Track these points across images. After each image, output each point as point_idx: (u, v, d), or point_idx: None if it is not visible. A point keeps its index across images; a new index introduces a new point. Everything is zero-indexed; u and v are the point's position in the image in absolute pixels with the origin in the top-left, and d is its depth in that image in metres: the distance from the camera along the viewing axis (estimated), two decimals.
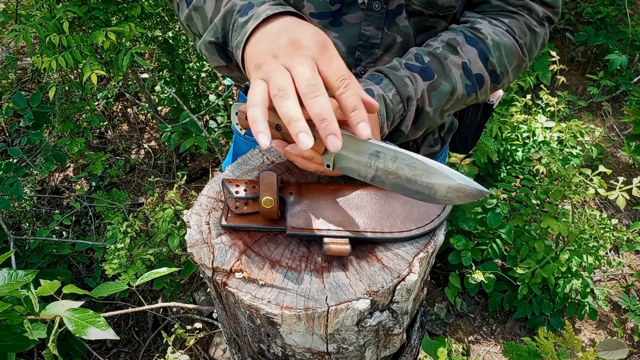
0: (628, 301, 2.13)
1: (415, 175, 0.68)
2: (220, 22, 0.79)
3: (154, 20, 2.53)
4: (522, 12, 0.94)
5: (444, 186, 0.67)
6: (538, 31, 0.95)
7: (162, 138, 2.49)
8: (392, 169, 0.69)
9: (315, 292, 0.68)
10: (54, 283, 1.05)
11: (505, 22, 0.93)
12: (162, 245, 1.85)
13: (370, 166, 0.70)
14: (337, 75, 0.65)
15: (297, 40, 0.67)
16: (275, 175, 0.71)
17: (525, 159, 2.28)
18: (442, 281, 2.41)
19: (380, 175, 0.70)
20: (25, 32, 1.78)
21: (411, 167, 0.67)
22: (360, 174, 0.72)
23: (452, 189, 0.67)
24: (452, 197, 0.67)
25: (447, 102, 0.89)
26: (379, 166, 0.69)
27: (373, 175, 0.71)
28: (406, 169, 0.68)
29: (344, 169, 0.73)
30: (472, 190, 0.66)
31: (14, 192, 1.79)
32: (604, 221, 1.95)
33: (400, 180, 0.69)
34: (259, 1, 0.76)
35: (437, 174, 0.66)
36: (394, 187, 0.70)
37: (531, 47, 0.95)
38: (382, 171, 0.70)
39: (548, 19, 0.96)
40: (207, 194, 0.82)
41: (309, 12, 0.91)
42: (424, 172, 0.67)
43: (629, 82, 3.17)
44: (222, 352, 2.08)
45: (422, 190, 0.68)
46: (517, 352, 1.54)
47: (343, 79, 0.65)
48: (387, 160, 0.69)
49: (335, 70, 0.66)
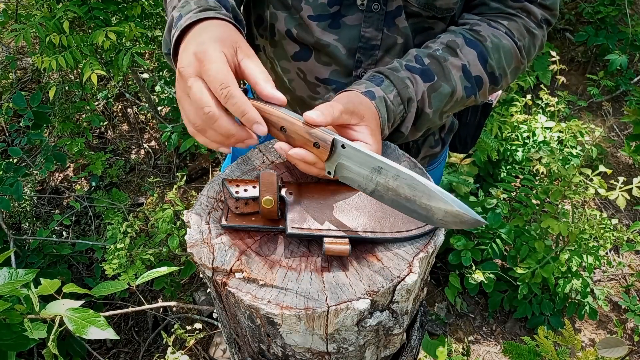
0: (628, 301, 2.13)
1: (415, 195, 0.68)
2: (167, 34, 0.81)
3: (154, 20, 2.53)
4: (521, 14, 0.94)
5: (442, 210, 0.67)
6: (536, 33, 0.95)
7: (162, 138, 2.49)
8: (392, 187, 0.69)
9: (315, 292, 0.68)
10: (54, 282, 1.05)
11: (504, 25, 0.93)
12: (162, 245, 1.85)
13: (371, 180, 0.70)
14: (215, 85, 0.66)
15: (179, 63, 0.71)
16: (275, 175, 0.71)
17: (525, 159, 2.28)
18: (442, 281, 2.41)
19: (380, 190, 0.70)
20: (25, 32, 1.78)
21: (412, 187, 0.68)
22: (360, 186, 0.72)
23: (450, 215, 0.67)
24: (448, 222, 0.68)
25: (446, 104, 0.89)
26: (380, 181, 0.70)
27: (373, 189, 0.71)
28: (407, 188, 0.68)
29: (345, 178, 0.73)
30: (468, 219, 0.66)
31: (14, 192, 1.79)
32: (604, 221, 1.95)
33: (400, 199, 0.69)
34: (187, 10, 0.76)
35: (436, 198, 0.67)
36: (392, 203, 0.70)
37: (529, 49, 0.95)
38: (382, 187, 0.70)
39: (546, 21, 0.96)
40: (207, 194, 0.82)
41: (307, 15, 0.91)
42: (424, 195, 0.67)
43: (629, 82, 3.17)
44: (222, 352, 2.08)
45: (419, 211, 0.69)
46: (517, 351, 1.54)
47: (222, 87, 0.66)
48: (388, 177, 0.69)
49: (212, 81, 0.67)
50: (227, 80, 0.66)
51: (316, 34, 0.92)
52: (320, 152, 0.71)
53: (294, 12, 0.92)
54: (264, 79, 0.70)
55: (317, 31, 0.91)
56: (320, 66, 0.96)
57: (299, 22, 0.93)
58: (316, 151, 0.71)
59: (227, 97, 0.66)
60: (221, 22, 0.73)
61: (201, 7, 0.75)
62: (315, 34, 0.92)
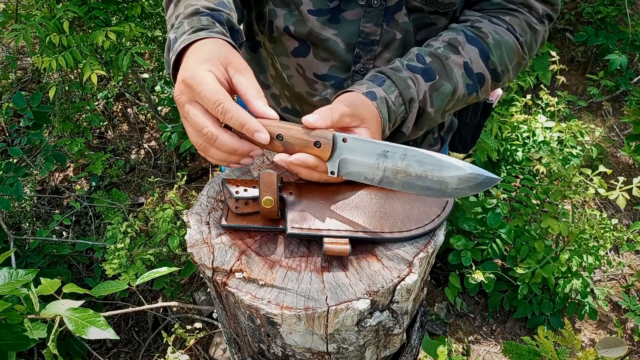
0: (628, 301, 2.13)
1: (425, 171, 0.68)
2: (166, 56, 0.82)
3: (154, 20, 2.53)
4: (522, 9, 0.94)
5: (455, 178, 0.67)
6: (538, 29, 0.95)
7: (162, 138, 2.49)
8: (401, 168, 0.69)
9: (315, 292, 0.68)
10: (55, 282, 1.05)
11: (506, 20, 0.92)
12: (162, 245, 1.85)
13: (378, 168, 0.70)
14: (209, 106, 0.68)
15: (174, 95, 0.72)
16: (275, 175, 0.71)
17: (525, 159, 2.28)
18: (442, 281, 2.41)
19: (389, 176, 0.70)
20: (25, 32, 1.78)
21: (421, 163, 0.68)
22: (367, 177, 0.72)
23: (464, 180, 0.67)
24: (464, 189, 0.68)
25: (448, 102, 0.89)
26: (388, 166, 0.69)
27: (381, 177, 0.71)
28: (416, 165, 0.68)
29: (350, 174, 0.73)
30: (483, 179, 0.67)
31: (14, 192, 1.79)
32: (604, 221, 1.95)
33: (410, 178, 0.69)
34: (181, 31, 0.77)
35: (448, 166, 0.67)
36: (403, 186, 0.70)
37: (531, 44, 0.95)
38: (390, 171, 0.70)
39: (548, 16, 0.96)
40: (207, 194, 0.82)
41: (307, 9, 0.91)
42: (434, 167, 0.67)
43: (629, 82, 3.17)
44: (222, 352, 2.08)
45: (433, 186, 0.69)
46: (517, 351, 1.54)
47: (216, 105, 0.67)
48: (396, 159, 0.69)
49: (206, 102, 0.68)
50: (219, 97, 0.67)
51: (315, 28, 0.92)
52: (321, 150, 0.71)
53: (294, 7, 0.92)
54: (255, 95, 0.71)
55: (316, 26, 0.92)
56: (318, 62, 0.96)
57: (298, 19, 0.93)
58: (317, 151, 0.71)
59: (223, 114, 0.67)
60: (211, 41, 0.74)
61: (193, 27, 0.76)
62: (315, 28, 0.92)
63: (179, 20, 0.80)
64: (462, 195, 0.70)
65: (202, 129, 0.69)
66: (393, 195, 0.77)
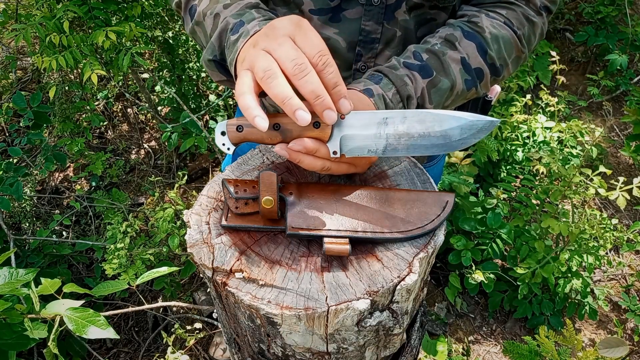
0: (628, 301, 2.13)
1: (427, 128, 0.69)
2: (216, 40, 0.81)
3: (154, 20, 2.53)
4: (520, 2, 0.93)
5: (457, 129, 0.68)
6: (536, 21, 0.94)
7: (162, 138, 2.49)
8: (403, 131, 0.69)
9: (315, 292, 0.68)
10: (55, 282, 1.05)
11: (503, 14, 0.92)
12: (162, 245, 1.85)
13: (380, 137, 0.70)
14: (314, 51, 0.64)
15: (271, 25, 0.69)
16: (275, 175, 0.71)
17: (525, 159, 2.28)
18: (442, 281, 2.41)
19: (393, 142, 0.70)
20: (25, 32, 1.78)
21: (422, 121, 0.68)
22: (370, 150, 0.72)
23: (466, 129, 0.68)
24: (467, 138, 0.69)
25: (447, 98, 0.89)
26: (390, 132, 0.70)
27: (385, 146, 0.71)
28: (417, 125, 0.69)
29: (353, 150, 0.72)
30: (484, 124, 0.68)
31: (14, 192, 1.79)
32: (604, 221, 1.95)
33: (414, 140, 0.70)
34: (250, 17, 0.77)
35: (447, 119, 0.68)
36: (408, 149, 0.71)
37: (530, 37, 0.95)
38: (393, 137, 0.70)
39: (546, 8, 0.96)
40: (207, 194, 0.82)
41: (308, 9, 0.91)
42: (435, 122, 0.68)
43: (629, 82, 3.17)
44: (222, 352, 2.08)
45: (437, 142, 0.69)
46: (518, 351, 1.54)
47: (321, 55, 0.64)
48: (396, 124, 0.69)
49: (312, 46, 0.65)
50: (325, 49, 0.64)
51: (316, 27, 0.92)
52: (321, 131, 0.70)
53: (294, 7, 0.92)
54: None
55: (317, 25, 0.92)
56: None
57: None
58: (317, 133, 0.70)
59: (325, 64, 0.64)
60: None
61: (265, 16, 0.78)
62: (316, 27, 0.92)
63: (240, 7, 0.81)
64: (466, 145, 0.70)
65: (295, 59, 0.63)
66: (393, 195, 0.77)
